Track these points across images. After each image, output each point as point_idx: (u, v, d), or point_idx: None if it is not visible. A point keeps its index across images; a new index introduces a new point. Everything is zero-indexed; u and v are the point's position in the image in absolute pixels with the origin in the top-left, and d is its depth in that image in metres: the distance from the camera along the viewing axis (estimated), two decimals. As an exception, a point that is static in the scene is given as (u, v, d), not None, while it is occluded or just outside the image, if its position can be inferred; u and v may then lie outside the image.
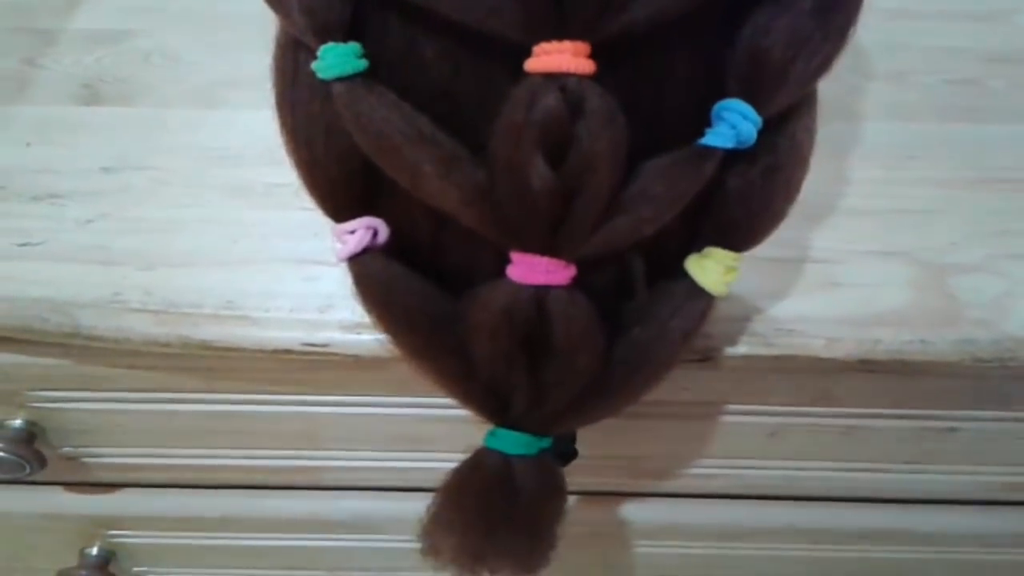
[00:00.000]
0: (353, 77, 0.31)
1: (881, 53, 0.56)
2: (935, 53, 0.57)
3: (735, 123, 0.31)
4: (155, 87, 0.54)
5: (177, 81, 0.55)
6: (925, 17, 0.59)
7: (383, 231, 0.35)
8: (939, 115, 0.53)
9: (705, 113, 0.32)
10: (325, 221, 0.36)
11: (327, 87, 0.32)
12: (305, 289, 0.43)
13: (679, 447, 0.51)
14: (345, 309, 0.42)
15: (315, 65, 0.32)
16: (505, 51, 0.29)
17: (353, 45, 0.32)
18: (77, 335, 0.42)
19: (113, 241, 0.45)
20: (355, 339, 0.41)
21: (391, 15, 0.31)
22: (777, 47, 0.31)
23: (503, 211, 0.30)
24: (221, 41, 0.57)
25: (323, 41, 0.31)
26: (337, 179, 0.34)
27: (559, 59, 0.28)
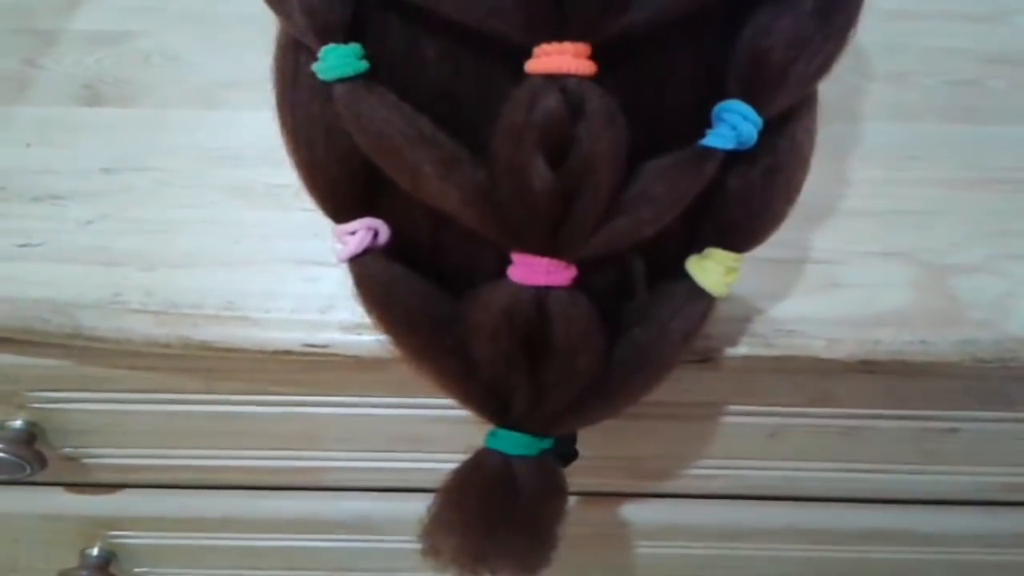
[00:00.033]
0: (354, 78, 0.31)
1: (881, 54, 0.56)
2: (935, 54, 0.57)
3: (735, 124, 0.31)
4: (156, 88, 0.54)
5: (178, 82, 0.55)
6: (925, 18, 0.59)
7: (384, 232, 0.35)
8: (939, 116, 0.53)
9: (705, 114, 0.32)
10: (326, 222, 0.36)
11: (328, 88, 0.32)
12: (306, 290, 0.43)
13: (679, 448, 0.51)
14: (346, 310, 0.42)
15: (316, 66, 0.32)
16: (506, 52, 0.29)
17: (354, 46, 0.32)
18: (78, 336, 0.42)
19: (114, 242, 0.45)
20: (356, 340, 0.41)
21: (392, 16, 0.31)
22: (778, 48, 0.31)
23: (504, 212, 0.30)
24: (221, 42, 0.57)
25: (324, 42, 0.31)
26: (338, 180, 0.34)
27: (560, 60, 0.28)
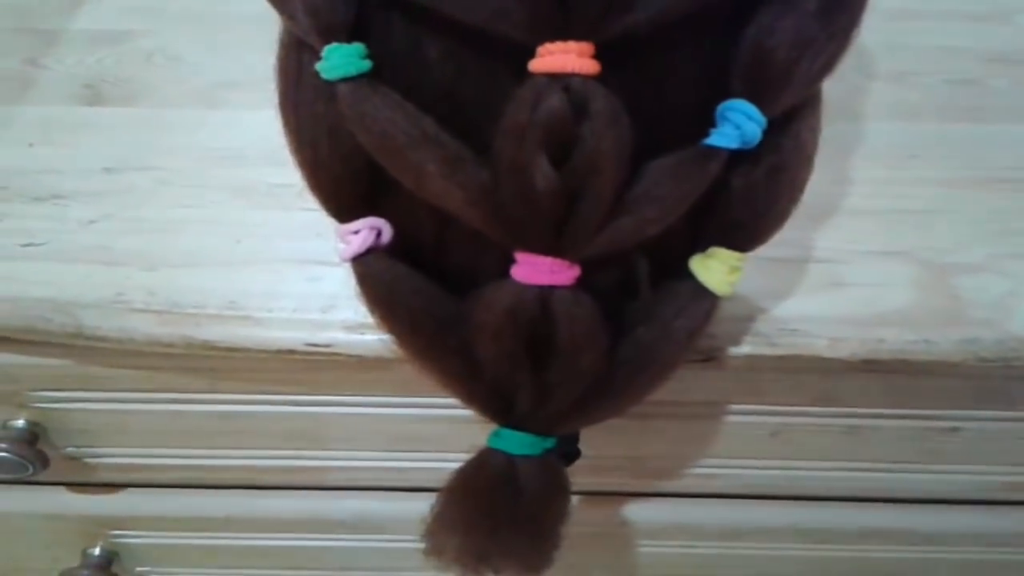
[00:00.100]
0: (357, 78, 0.31)
1: (883, 53, 0.56)
2: (936, 53, 0.57)
3: (739, 123, 0.31)
4: (157, 87, 0.54)
5: (179, 81, 0.55)
6: (926, 17, 0.59)
7: (387, 231, 0.35)
8: (941, 115, 0.53)
9: (709, 113, 0.32)
10: (328, 221, 0.36)
11: (331, 88, 0.32)
12: (308, 289, 0.43)
13: (682, 447, 0.51)
14: (348, 309, 0.42)
15: (319, 66, 0.32)
16: (509, 51, 0.29)
17: (357, 46, 0.31)
18: (80, 335, 0.42)
19: (116, 241, 0.45)
20: (358, 339, 0.41)
21: (395, 16, 0.31)
22: (782, 47, 0.30)
23: (507, 211, 0.30)
24: (223, 41, 0.57)
25: (327, 42, 0.31)
26: (341, 179, 0.34)
27: (563, 59, 0.28)
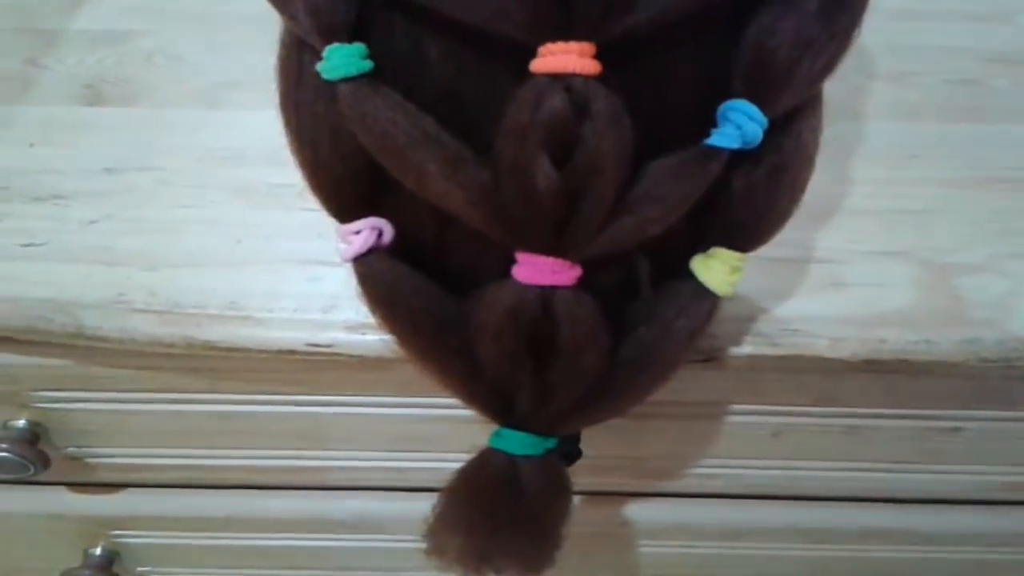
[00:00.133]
0: (358, 78, 0.31)
1: (883, 53, 0.56)
2: (937, 53, 0.57)
3: (741, 123, 0.31)
4: (158, 87, 0.54)
5: (180, 81, 0.55)
6: (927, 17, 0.59)
7: (388, 232, 0.35)
8: (941, 115, 0.53)
9: (710, 113, 0.32)
10: (328, 221, 0.36)
11: (332, 88, 0.32)
12: (309, 289, 0.43)
13: (683, 447, 0.51)
14: (349, 309, 0.42)
15: (320, 66, 0.32)
16: (510, 52, 0.29)
17: (358, 46, 0.31)
18: (81, 336, 0.42)
19: (117, 241, 0.45)
20: (360, 339, 0.41)
21: (396, 16, 0.31)
22: (783, 48, 0.30)
23: (508, 212, 0.30)
24: (224, 41, 0.57)
25: (328, 42, 0.31)
26: (342, 179, 0.34)
27: (565, 60, 0.28)
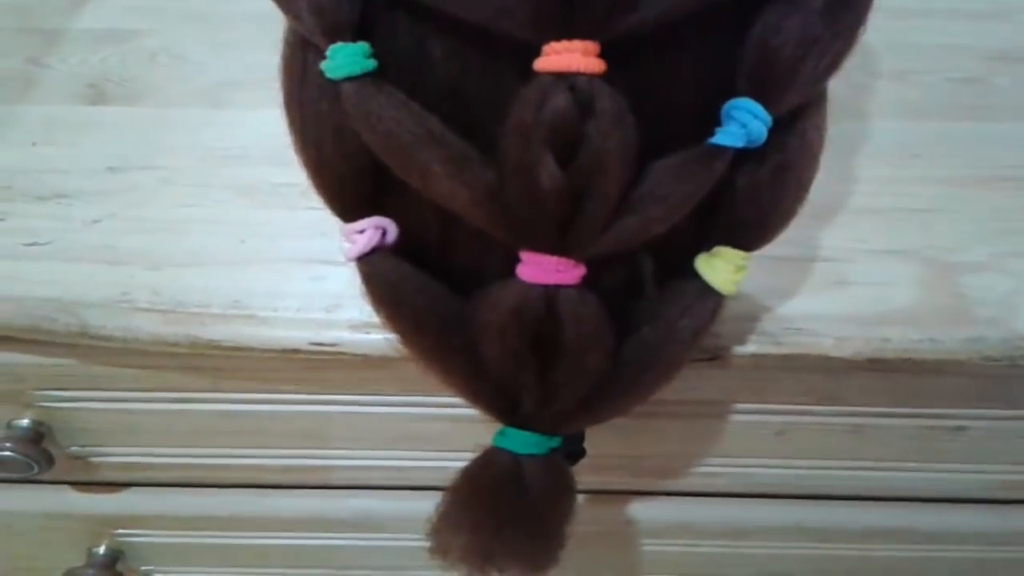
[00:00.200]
0: (362, 77, 0.31)
1: (886, 52, 0.56)
2: (940, 51, 0.57)
3: (745, 122, 0.31)
4: (161, 87, 0.54)
5: (183, 81, 0.55)
6: (929, 15, 0.59)
7: (392, 231, 0.35)
8: (944, 113, 0.53)
9: (715, 112, 0.32)
10: (332, 220, 0.36)
11: (336, 87, 0.32)
12: (313, 289, 0.43)
13: (687, 446, 0.51)
14: (353, 308, 0.42)
15: (324, 65, 0.32)
16: (514, 50, 0.29)
17: (362, 45, 0.31)
18: (85, 335, 0.43)
19: (120, 241, 0.45)
20: (363, 338, 0.41)
21: (400, 15, 0.31)
22: (787, 46, 0.30)
23: (513, 211, 0.30)
24: (227, 41, 0.57)
25: (332, 41, 0.31)
26: (346, 179, 0.34)
27: (569, 58, 0.28)
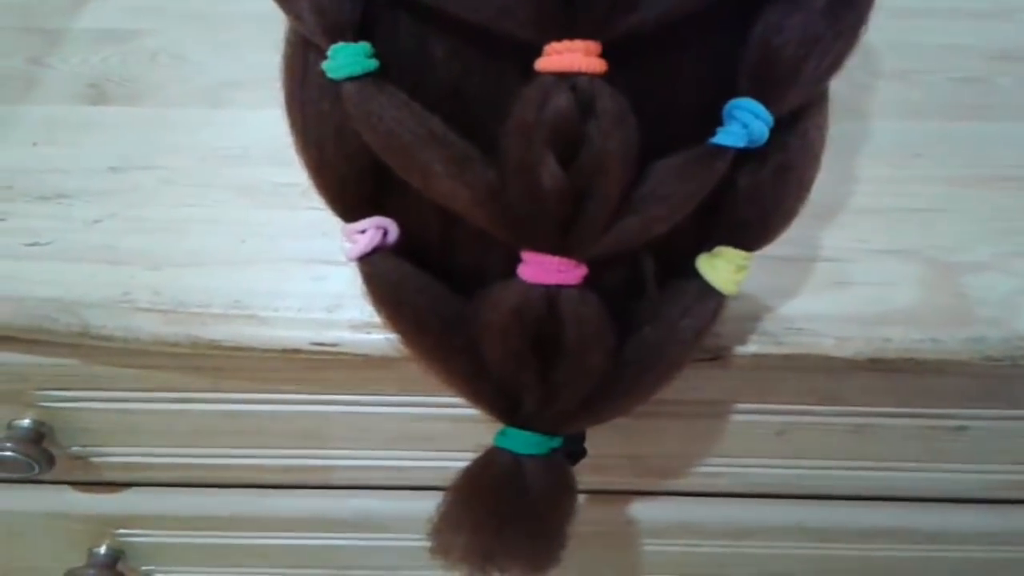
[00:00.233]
0: (363, 77, 0.31)
1: (887, 51, 0.56)
2: (941, 51, 0.57)
3: (747, 122, 0.31)
4: (162, 87, 0.54)
5: (184, 80, 0.55)
6: (930, 15, 0.59)
7: (393, 231, 0.35)
8: (946, 113, 0.53)
9: (716, 112, 0.32)
10: (333, 220, 0.36)
11: (337, 87, 0.32)
12: (313, 288, 0.43)
13: (688, 446, 0.51)
14: (354, 308, 0.42)
15: (325, 65, 0.32)
16: (515, 50, 0.29)
17: (363, 45, 0.31)
18: (86, 335, 0.43)
19: (121, 241, 0.45)
20: (364, 338, 0.41)
21: (401, 15, 0.31)
22: (789, 45, 0.30)
23: (514, 211, 0.30)
24: (228, 41, 0.57)
25: (333, 41, 0.31)
26: (347, 179, 0.34)
27: (570, 58, 0.28)
